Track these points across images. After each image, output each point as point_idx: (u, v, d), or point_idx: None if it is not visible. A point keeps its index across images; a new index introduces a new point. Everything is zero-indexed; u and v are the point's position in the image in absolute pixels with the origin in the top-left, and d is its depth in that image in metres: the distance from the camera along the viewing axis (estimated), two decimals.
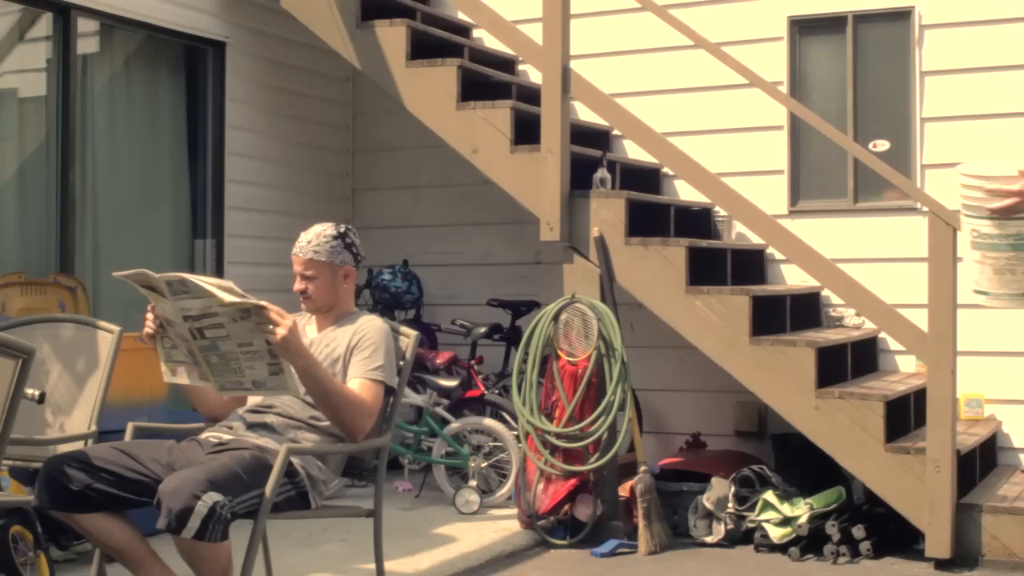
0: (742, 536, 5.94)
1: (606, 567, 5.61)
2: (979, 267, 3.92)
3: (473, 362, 7.16)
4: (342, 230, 4.20)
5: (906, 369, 6.74)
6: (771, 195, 6.92)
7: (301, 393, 3.88)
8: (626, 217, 6.06)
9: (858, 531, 5.66)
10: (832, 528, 5.68)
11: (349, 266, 4.19)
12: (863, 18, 6.94)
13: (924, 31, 6.78)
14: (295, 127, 7.76)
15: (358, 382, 4.00)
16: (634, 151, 6.93)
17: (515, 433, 6.40)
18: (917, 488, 5.49)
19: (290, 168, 7.74)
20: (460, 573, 5.34)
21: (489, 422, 6.67)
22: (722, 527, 5.95)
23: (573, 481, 5.97)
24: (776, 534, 5.77)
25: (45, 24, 6.45)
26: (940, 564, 5.46)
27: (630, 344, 6.12)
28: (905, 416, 5.91)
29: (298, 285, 4.18)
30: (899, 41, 6.86)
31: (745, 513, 5.93)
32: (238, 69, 7.31)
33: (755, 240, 6.60)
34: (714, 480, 6.08)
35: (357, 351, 4.05)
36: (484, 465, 6.62)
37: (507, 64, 7.50)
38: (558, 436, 5.94)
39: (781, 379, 5.76)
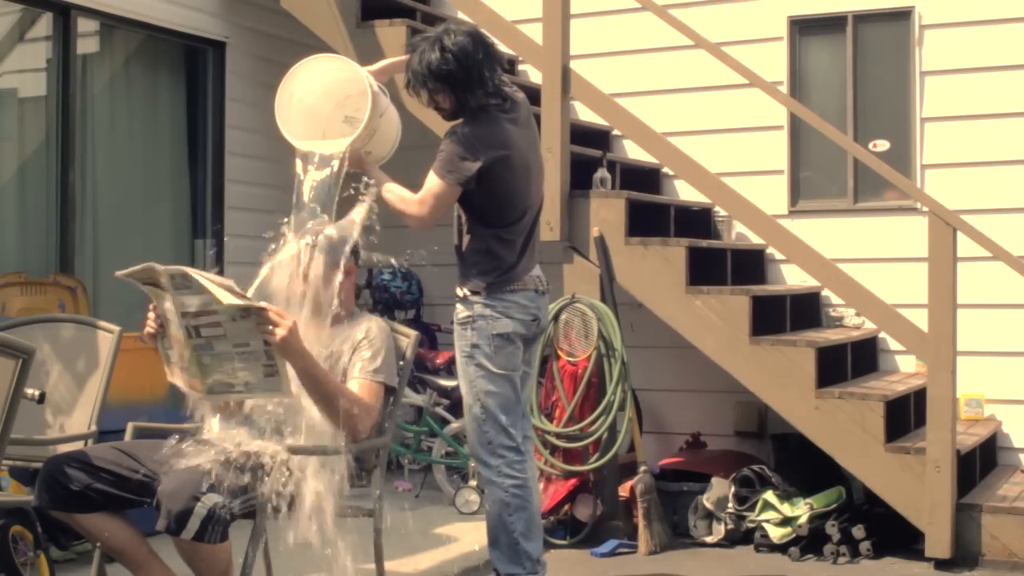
0: (742, 536, 5.95)
1: (606, 567, 5.61)
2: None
3: None
4: None
5: (906, 369, 6.73)
6: (771, 195, 6.92)
7: (292, 395, 3.86)
8: (626, 217, 6.06)
9: (858, 531, 5.66)
10: (832, 528, 5.68)
11: (350, 263, 4.19)
12: (863, 18, 6.94)
13: (924, 31, 6.78)
14: None
15: (358, 382, 3.99)
16: (634, 151, 6.93)
17: None
18: (917, 488, 5.49)
19: (290, 168, 7.70)
20: (460, 573, 5.34)
21: None
22: (722, 527, 5.95)
23: (573, 481, 5.97)
24: (776, 534, 5.78)
25: (45, 24, 6.44)
26: (940, 564, 5.46)
27: (630, 344, 6.12)
28: (905, 416, 5.91)
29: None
30: (899, 41, 6.86)
31: (745, 513, 5.93)
32: (238, 69, 7.30)
33: (755, 240, 6.60)
34: (714, 480, 6.08)
35: (357, 351, 4.04)
36: None
37: (507, 64, 7.49)
38: (558, 436, 5.94)
39: (781, 379, 5.76)
